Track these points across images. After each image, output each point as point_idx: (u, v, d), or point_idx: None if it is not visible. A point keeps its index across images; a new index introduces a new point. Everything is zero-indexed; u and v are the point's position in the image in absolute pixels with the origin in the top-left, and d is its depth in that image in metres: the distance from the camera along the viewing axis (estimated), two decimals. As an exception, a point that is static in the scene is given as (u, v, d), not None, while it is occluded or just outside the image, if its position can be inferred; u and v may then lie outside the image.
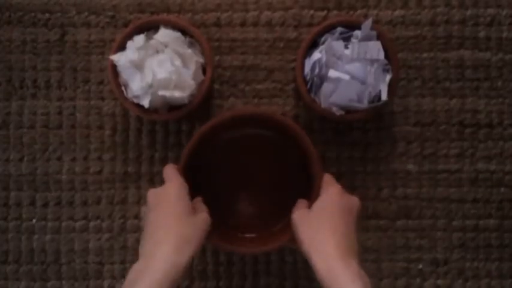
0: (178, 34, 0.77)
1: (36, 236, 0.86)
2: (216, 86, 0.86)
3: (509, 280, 0.84)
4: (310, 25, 0.85)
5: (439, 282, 0.85)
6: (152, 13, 0.86)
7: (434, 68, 0.85)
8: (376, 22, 0.85)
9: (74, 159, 0.86)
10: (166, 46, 0.76)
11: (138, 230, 0.85)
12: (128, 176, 0.85)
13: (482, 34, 0.85)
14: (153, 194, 0.69)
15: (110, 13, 0.86)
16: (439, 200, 0.85)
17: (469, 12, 0.85)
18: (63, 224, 0.86)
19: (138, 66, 0.75)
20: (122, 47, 0.77)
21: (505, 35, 0.85)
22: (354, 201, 0.70)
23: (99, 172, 0.86)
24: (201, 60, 0.78)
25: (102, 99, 0.86)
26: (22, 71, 0.86)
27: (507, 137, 0.85)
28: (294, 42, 0.85)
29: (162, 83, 0.74)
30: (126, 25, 0.85)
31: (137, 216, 0.85)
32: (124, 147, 0.86)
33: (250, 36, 0.86)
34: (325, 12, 0.85)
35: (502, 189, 0.85)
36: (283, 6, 0.86)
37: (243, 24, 0.86)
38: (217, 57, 0.85)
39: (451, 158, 0.85)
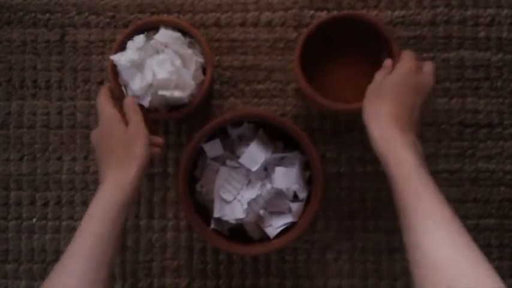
0: (178, 34, 0.77)
1: (36, 235, 0.86)
2: (216, 86, 0.86)
3: (509, 279, 0.84)
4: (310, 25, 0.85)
5: (439, 281, 0.84)
6: (152, 13, 0.86)
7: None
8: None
9: (74, 159, 0.86)
10: (166, 46, 0.76)
11: (138, 229, 0.85)
12: (127, 176, 0.85)
13: (482, 34, 0.85)
14: (96, 134, 0.72)
15: (110, 13, 0.86)
16: (439, 199, 0.85)
17: (469, 13, 0.85)
18: (63, 223, 0.86)
19: (138, 66, 0.75)
20: (122, 47, 0.77)
21: (504, 35, 0.85)
22: (426, 82, 0.68)
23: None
24: (201, 60, 0.78)
25: (103, 99, 0.86)
26: (22, 71, 0.86)
27: (507, 137, 0.85)
28: (294, 43, 0.85)
29: (162, 83, 0.74)
30: (126, 25, 0.86)
31: (137, 216, 0.85)
32: (124, 147, 0.85)
33: (250, 37, 0.86)
34: (325, 12, 0.85)
35: (502, 189, 0.85)
36: (283, 6, 0.86)
37: (243, 24, 0.86)
38: (217, 58, 0.85)
39: (451, 158, 0.85)
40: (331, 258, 0.85)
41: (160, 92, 0.74)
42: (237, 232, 0.80)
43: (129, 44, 0.77)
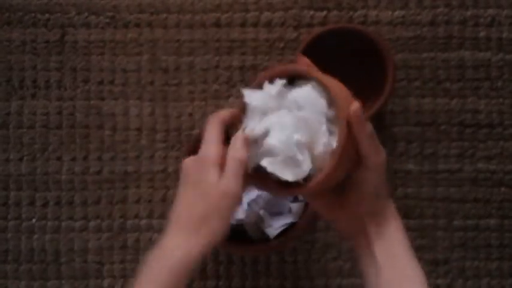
0: (318, 100, 0.57)
1: (36, 236, 0.85)
2: (216, 86, 0.85)
3: (510, 279, 0.84)
4: (310, 25, 0.85)
5: (440, 281, 0.84)
6: (152, 14, 0.85)
7: (434, 68, 0.85)
8: (376, 23, 0.85)
9: (73, 159, 0.86)
10: (299, 108, 0.57)
11: (138, 229, 0.85)
12: (127, 176, 0.85)
13: (482, 34, 0.85)
14: (187, 164, 0.57)
15: (110, 14, 0.86)
16: (440, 199, 0.84)
17: (469, 13, 0.85)
18: (63, 223, 0.86)
19: (262, 115, 0.58)
20: (259, 85, 0.59)
21: (505, 35, 0.85)
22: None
23: (99, 172, 0.85)
24: (333, 145, 0.56)
25: (102, 99, 0.86)
26: (22, 71, 0.86)
27: (507, 137, 0.85)
28: (294, 43, 0.85)
29: (270, 151, 0.57)
30: (126, 26, 0.85)
31: (137, 216, 0.85)
32: (124, 146, 0.85)
33: (250, 37, 0.86)
34: (325, 12, 0.85)
35: (503, 189, 0.85)
36: (283, 6, 0.85)
37: (242, 24, 0.86)
38: (216, 58, 0.85)
39: (451, 158, 0.85)
40: (332, 258, 0.85)
41: (263, 162, 0.56)
42: (237, 232, 0.80)
43: (267, 85, 0.58)
